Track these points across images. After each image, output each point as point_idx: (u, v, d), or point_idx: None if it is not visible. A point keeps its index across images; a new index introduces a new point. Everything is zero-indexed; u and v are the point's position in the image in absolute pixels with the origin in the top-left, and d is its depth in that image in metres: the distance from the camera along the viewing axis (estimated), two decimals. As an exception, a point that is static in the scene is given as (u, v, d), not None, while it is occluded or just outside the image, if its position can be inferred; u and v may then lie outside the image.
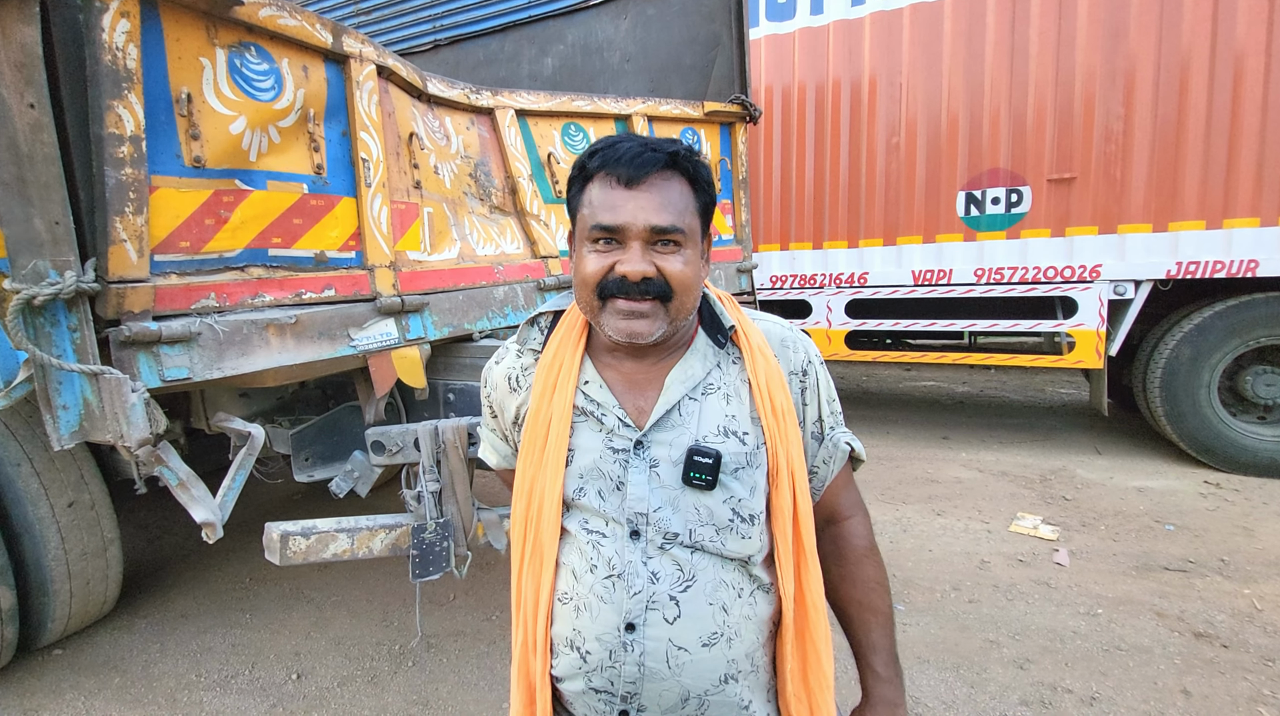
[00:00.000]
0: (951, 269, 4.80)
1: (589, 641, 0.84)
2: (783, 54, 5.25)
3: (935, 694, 2.25)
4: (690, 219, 0.83)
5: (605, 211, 0.81)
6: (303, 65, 1.69)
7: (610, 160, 0.81)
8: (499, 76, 3.93)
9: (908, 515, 3.77)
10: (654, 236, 0.80)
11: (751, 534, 0.86)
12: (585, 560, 0.85)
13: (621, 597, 0.83)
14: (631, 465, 0.84)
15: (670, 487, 0.84)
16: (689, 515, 0.83)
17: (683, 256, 0.82)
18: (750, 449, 0.85)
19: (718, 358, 0.89)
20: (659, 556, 0.83)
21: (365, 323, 1.85)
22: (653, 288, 0.80)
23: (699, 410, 0.86)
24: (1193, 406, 4.22)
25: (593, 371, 0.89)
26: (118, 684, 2.56)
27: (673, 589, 0.83)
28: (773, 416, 0.85)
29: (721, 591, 0.84)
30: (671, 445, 0.85)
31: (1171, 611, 2.68)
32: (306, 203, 1.73)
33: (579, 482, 0.86)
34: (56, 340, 1.32)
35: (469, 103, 2.35)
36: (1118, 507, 3.74)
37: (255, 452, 1.72)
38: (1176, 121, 4.11)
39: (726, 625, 0.84)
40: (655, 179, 0.81)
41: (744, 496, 0.84)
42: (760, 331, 0.91)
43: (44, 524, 2.53)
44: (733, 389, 0.88)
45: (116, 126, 1.31)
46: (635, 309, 0.81)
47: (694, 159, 0.85)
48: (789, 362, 0.91)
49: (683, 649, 0.83)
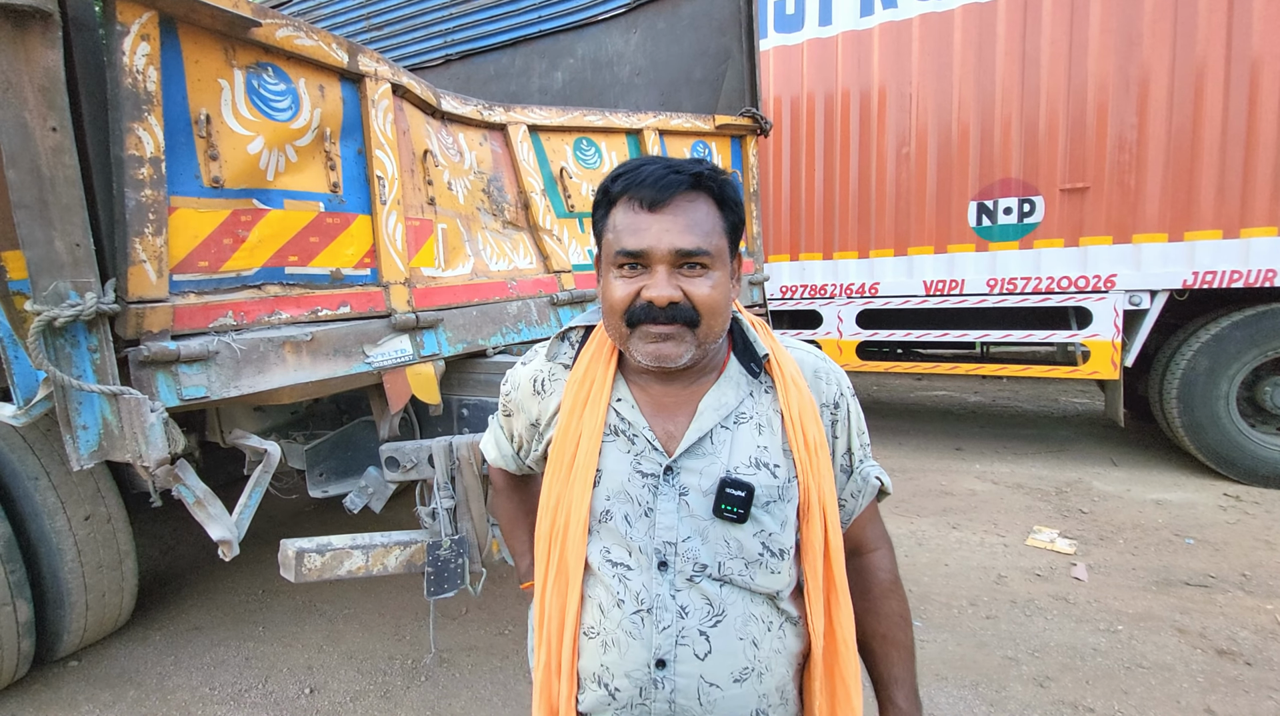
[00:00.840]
0: (963, 279, 4.77)
1: (618, 678, 0.82)
2: (791, 65, 5.25)
3: (954, 712, 2.21)
4: (718, 240, 0.82)
5: (629, 235, 0.80)
6: (319, 85, 1.71)
7: (634, 183, 0.80)
8: (509, 91, 3.96)
9: (923, 528, 3.73)
10: (679, 259, 0.79)
11: (781, 569, 0.84)
12: (612, 594, 0.84)
13: (650, 633, 0.81)
14: (661, 492, 0.83)
15: (700, 518, 0.82)
16: (718, 547, 0.82)
17: (710, 279, 0.80)
18: (782, 482, 0.84)
19: (750, 386, 0.88)
20: (687, 589, 0.82)
21: (380, 339, 1.85)
22: (680, 313, 0.79)
23: (731, 439, 0.84)
24: (1211, 417, 4.17)
25: (625, 390, 0.88)
26: (132, 696, 2.56)
27: (702, 624, 0.81)
28: (805, 450, 0.84)
29: (751, 625, 0.83)
30: (702, 473, 0.83)
31: (1193, 628, 2.63)
32: (323, 221, 1.74)
33: (605, 505, 0.84)
34: (76, 361, 1.33)
35: (482, 119, 2.36)
36: (1136, 521, 3.68)
37: (271, 470, 1.73)
38: (1192, 129, 4.07)
39: (757, 659, 0.83)
40: (680, 201, 0.80)
41: (774, 530, 0.83)
42: (794, 360, 0.90)
43: (61, 537, 2.55)
44: (765, 419, 0.86)
45: (136, 148, 1.32)
46: (662, 332, 0.79)
47: (720, 178, 0.83)
48: (821, 394, 0.89)
49: (714, 685, 0.81)
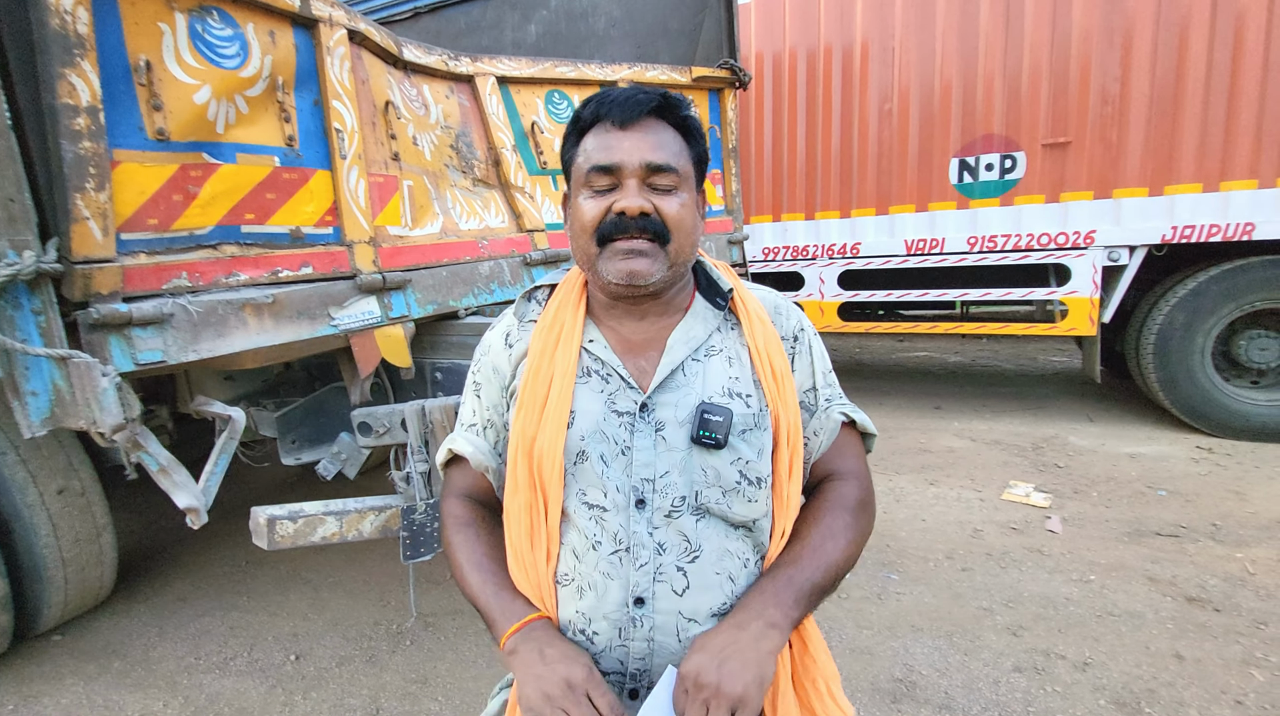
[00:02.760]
0: (944, 238, 4.75)
1: (596, 621, 0.81)
2: (773, 19, 5.12)
3: (929, 661, 2.26)
4: (684, 163, 0.84)
5: (601, 152, 0.82)
6: (269, 30, 1.62)
7: (604, 105, 0.83)
8: (481, 44, 3.82)
9: (901, 485, 3.78)
10: (649, 174, 0.81)
11: (758, 497, 0.84)
12: (587, 538, 0.82)
13: (628, 571, 0.80)
14: (637, 429, 0.82)
15: (677, 450, 0.82)
16: (695, 476, 0.82)
17: (678, 198, 0.83)
18: (755, 411, 0.84)
19: (717, 321, 0.89)
20: (665, 526, 0.81)
21: (346, 301, 1.80)
22: (650, 225, 0.81)
23: (703, 371, 0.85)
24: (1186, 372, 4.22)
25: (596, 332, 0.88)
26: (118, 668, 2.56)
27: (679, 560, 0.81)
28: (773, 379, 0.86)
29: (727, 561, 0.83)
30: (678, 406, 0.83)
31: (1164, 576, 2.70)
32: (279, 176, 1.67)
33: (581, 445, 0.82)
34: (20, 324, 1.27)
35: (447, 69, 2.27)
36: (1110, 474, 3.75)
37: (237, 436, 1.69)
38: (1175, 82, 4.03)
39: (734, 594, 0.83)
40: (649, 121, 0.82)
41: (751, 458, 0.83)
42: (756, 297, 0.92)
43: (33, 511, 2.50)
44: (734, 352, 0.87)
45: (70, 96, 1.24)
46: (634, 248, 0.80)
47: (684, 107, 0.86)
48: (782, 328, 0.92)
49: (693, 621, 0.81)
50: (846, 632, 2.45)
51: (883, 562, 2.94)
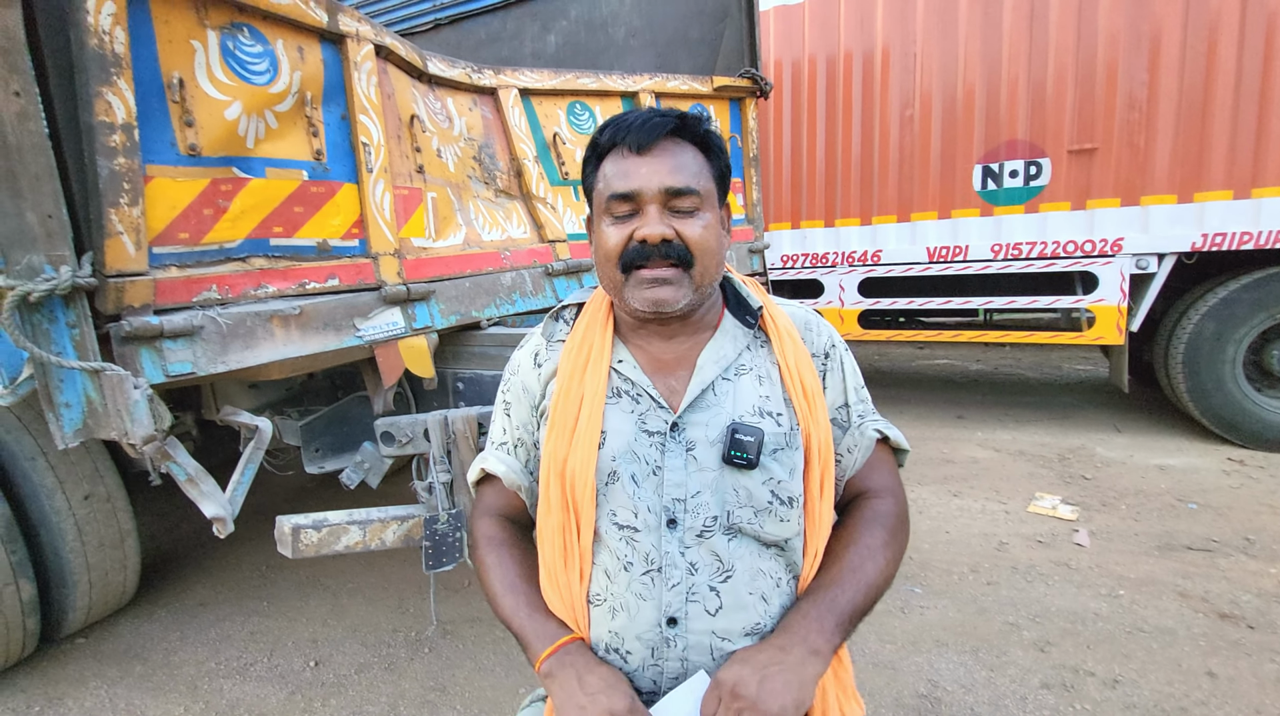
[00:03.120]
0: (968, 245, 4.69)
1: (629, 642, 0.81)
2: (792, 26, 5.10)
3: (954, 677, 2.22)
4: (705, 182, 0.83)
5: (619, 179, 0.81)
6: (298, 46, 1.64)
7: (620, 130, 0.82)
8: (501, 55, 3.85)
9: (924, 496, 3.73)
10: (669, 199, 0.80)
11: (790, 517, 0.84)
12: (618, 559, 0.82)
13: (660, 591, 0.81)
14: (668, 449, 0.82)
15: (708, 470, 0.82)
16: (728, 496, 0.82)
17: (701, 220, 0.82)
18: (786, 430, 0.84)
19: (747, 339, 0.88)
20: (696, 546, 0.81)
21: (371, 312, 1.81)
22: (673, 251, 0.80)
23: (733, 391, 0.85)
24: (1216, 382, 4.13)
25: (625, 352, 0.88)
26: (139, 672, 2.59)
27: (712, 580, 0.81)
28: (804, 398, 0.85)
29: (760, 581, 0.82)
30: (708, 425, 0.83)
31: (1195, 592, 2.63)
32: (307, 190, 1.69)
33: (612, 466, 0.83)
34: (55, 337, 1.29)
35: (471, 82, 2.29)
36: (1139, 486, 3.67)
37: (264, 446, 1.70)
38: (1204, 86, 3.95)
39: (767, 614, 0.82)
40: (666, 144, 0.82)
41: (783, 478, 0.83)
42: (785, 314, 0.92)
43: (61, 516, 2.55)
44: (764, 371, 0.87)
45: (107, 114, 1.27)
46: (659, 276, 0.80)
47: (703, 125, 0.85)
48: (812, 345, 0.91)
49: (726, 640, 0.81)
50: (869, 647, 2.41)
51: (906, 575, 2.89)
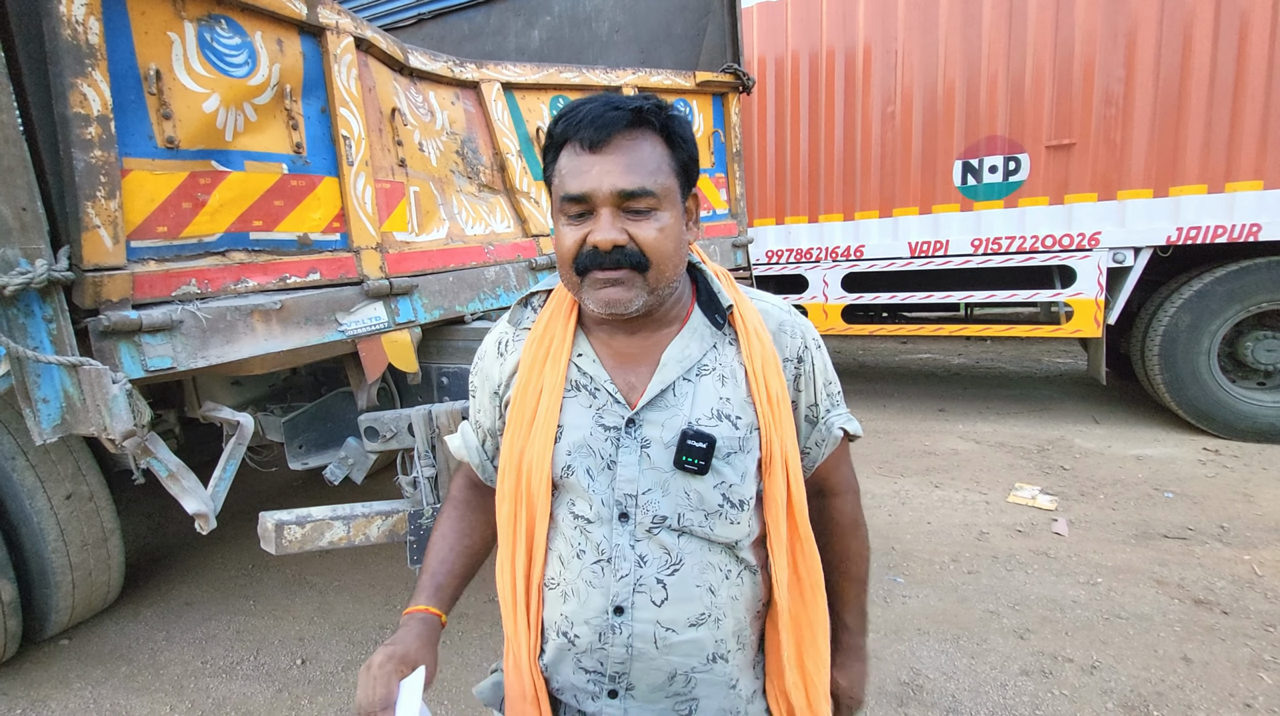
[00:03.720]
0: (948, 240, 4.75)
1: (578, 626, 0.84)
2: (775, 23, 5.13)
3: (935, 665, 2.26)
4: (664, 179, 0.78)
5: (571, 179, 0.77)
6: (277, 38, 1.63)
7: (573, 124, 0.77)
8: (485, 50, 3.83)
9: (906, 487, 3.77)
10: (623, 201, 0.76)
11: (741, 519, 0.84)
12: (572, 546, 0.84)
13: (609, 581, 0.82)
14: (623, 444, 0.82)
15: (661, 470, 0.82)
16: (679, 499, 0.82)
17: (657, 221, 0.77)
18: (743, 434, 0.83)
19: (714, 338, 0.86)
20: (647, 540, 0.82)
21: (353, 307, 1.81)
22: (626, 257, 0.76)
23: (693, 391, 0.83)
24: (1192, 373, 4.21)
25: (586, 344, 0.87)
26: (124, 672, 2.57)
27: (660, 572, 0.82)
28: (767, 403, 0.83)
29: (709, 573, 0.84)
30: (664, 426, 0.82)
31: (1171, 579, 2.69)
32: (287, 183, 1.68)
33: (568, 459, 0.83)
34: (32, 331, 1.28)
35: (453, 76, 2.28)
36: (1116, 476, 3.74)
37: (245, 441, 1.69)
38: (1179, 83, 4.03)
39: (714, 606, 0.84)
40: (621, 139, 0.76)
41: (735, 482, 0.82)
42: (758, 312, 0.88)
43: (42, 516, 2.52)
44: (729, 371, 0.85)
45: (82, 106, 1.25)
46: (610, 277, 0.77)
47: (665, 112, 0.79)
48: (785, 348, 0.88)
49: (671, 630, 0.83)
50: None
51: (888, 566, 2.93)
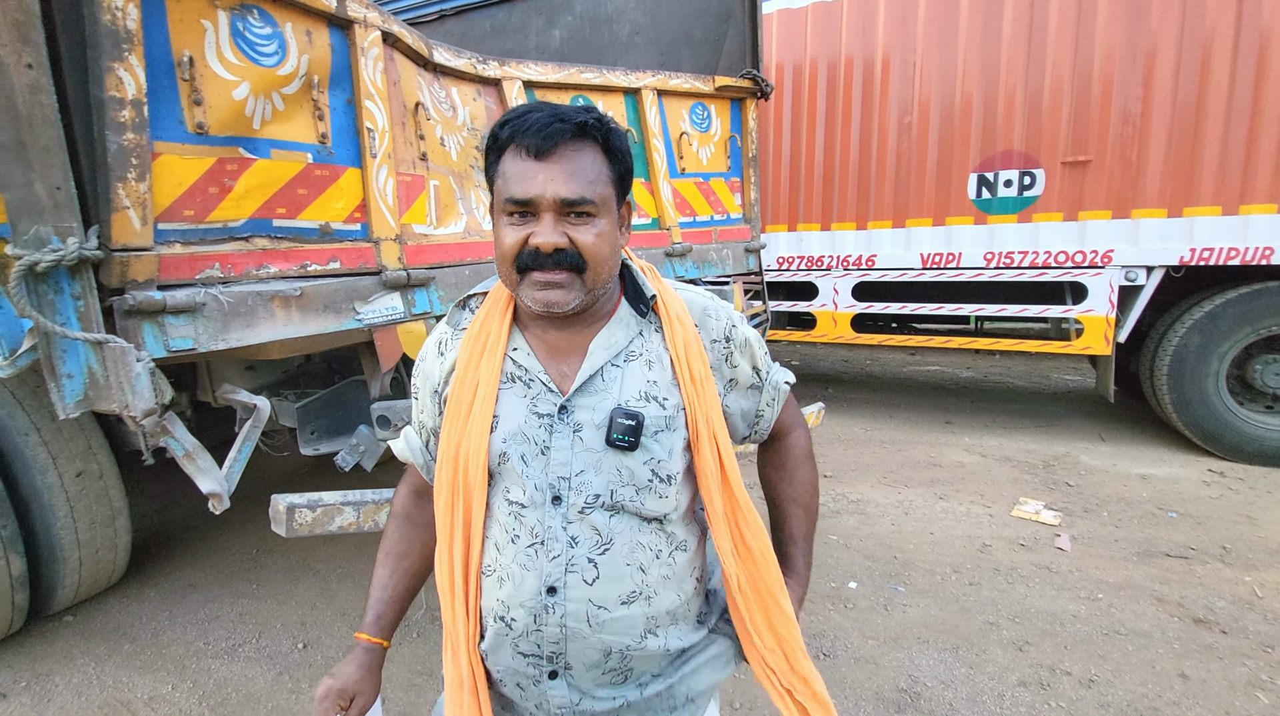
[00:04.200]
0: (961, 252, 4.75)
1: (514, 609, 0.87)
2: (795, 30, 5.15)
3: (934, 674, 2.26)
4: (603, 188, 0.84)
5: (517, 183, 0.81)
6: (306, 30, 1.66)
7: (520, 130, 0.81)
8: (505, 48, 3.86)
9: (910, 498, 3.77)
10: (565, 208, 0.81)
11: (668, 493, 0.89)
12: (507, 532, 0.88)
13: (542, 563, 0.86)
14: (556, 430, 0.87)
15: (593, 451, 0.86)
16: (610, 476, 0.86)
17: (595, 227, 0.83)
18: (670, 413, 0.88)
19: (640, 326, 0.92)
20: (578, 521, 0.86)
21: (371, 296, 1.83)
22: (566, 259, 0.81)
23: (621, 376, 0.88)
24: (1200, 395, 4.20)
25: (521, 339, 0.91)
26: (127, 650, 2.59)
27: (591, 552, 0.86)
28: (691, 383, 0.89)
29: (639, 553, 0.88)
30: (595, 409, 0.87)
31: (1172, 597, 2.69)
32: (311, 173, 1.71)
33: (503, 447, 0.87)
34: (60, 308, 1.31)
35: (475, 73, 2.31)
36: (1121, 494, 3.73)
37: (261, 424, 1.72)
38: (1197, 104, 4.02)
39: (645, 584, 0.88)
40: (565, 149, 0.81)
41: (663, 457, 0.88)
42: (682, 301, 0.94)
43: (52, 492, 2.55)
44: (654, 356, 0.90)
45: (117, 89, 1.28)
46: (550, 280, 0.82)
47: (606, 126, 0.84)
48: (711, 331, 0.94)
49: (603, 608, 0.86)
50: (852, 642, 2.45)
51: (890, 574, 2.94)
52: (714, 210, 3.14)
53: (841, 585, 2.86)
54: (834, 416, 5.37)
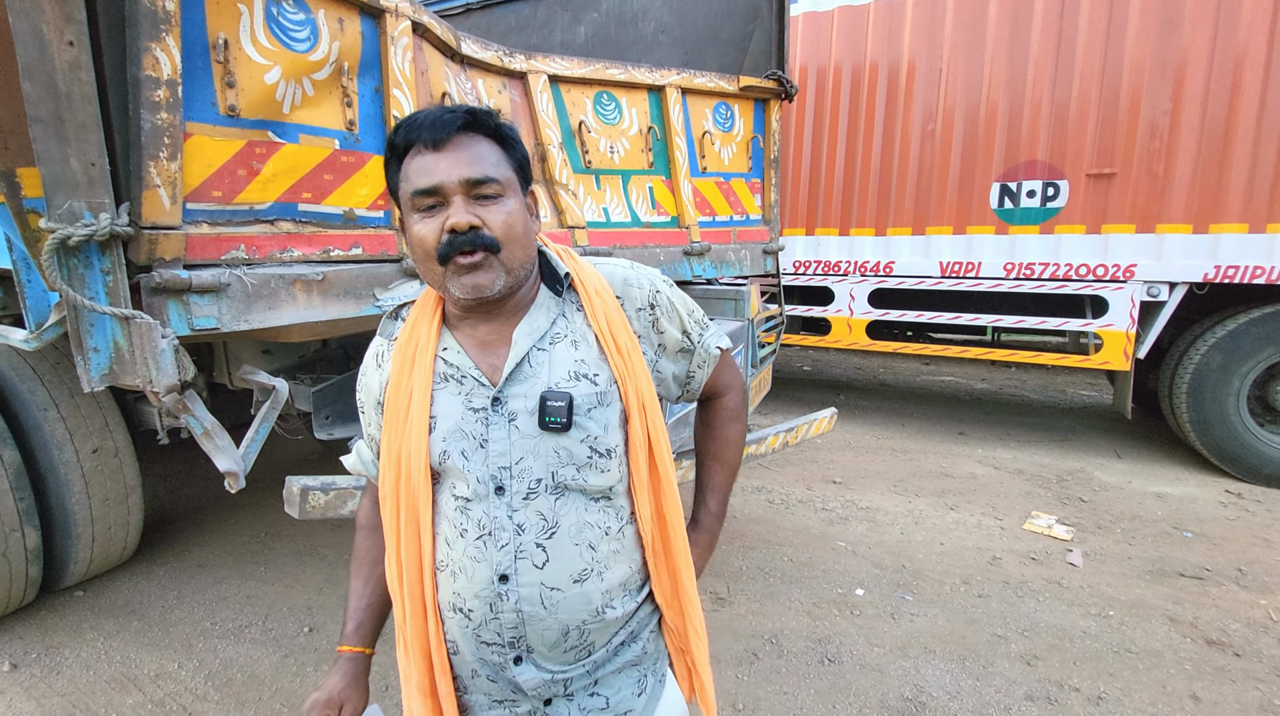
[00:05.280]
0: (980, 262, 4.71)
1: (469, 601, 0.89)
2: (820, 33, 5.13)
3: (940, 684, 2.25)
4: (505, 171, 0.87)
5: (421, 176, 0.84)
6: (338, 17, 1.67)
7: (414, 129, 0.84)
8: (530, 44, 3.87)
9: (920, 507, 3.75)
10: (471, 189, 0.83)
11: (610, 467, 0.91)
12: (455, 527, 0.90)
13: (492, 553, 0.88)
14: (492, 422, 0.88)
15: (530, 437, 0.88)
16: (549, 459, 0.88)
17: (504, 206, 0.85)
18: (602, 388, 0.90)
19: (560, 307, 0.93)
20: (523, 508, 0.88)
21: (391, 283, 1.84)
22: (480, 239, 0.83)
23: (548, 359, 0.90)
24: (1219, 414, 4.14)
25: (450, 339, 0.93)
26: (136, 627, 2.63)
27: (538, 537, 0.88)
28: (618, 354, 0.91)
29: (586, 532, 0.90)
30: (526, 396, 0.88)
31: (1185, 617, 2.65)
32: (337, 159, 1.72)
33: (443, 446, 0.89)
34: (90, 282, 1.32)
35: (502, 65, 2.31)
36: (1135, 512, 3.69)
37: (279, 406, 1.73)
38: (1226, 119, 3.96)
39: (595, 561, 0.90)
40: (460, 138, 0.84)
41: (599, 433, 0.89)
42: (601, 275, 0.95)
43: (69, 468, 2.58)
44: (579, 334, 0.92)
45: (153, 69, 1.30)
46: (471, 262, 0.84)
47: (493, 118, 0.88)
48: (634, 300, 0.96)
49: (555, 589, 0.88)
50: (857, 649, 2.44)
51: (898, 583, 2.92)
52: (734, 210, 3.13)
53: (848, 591, 2.84)
54: (845, 423, 5.34)
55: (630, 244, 2.68)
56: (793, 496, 3.90)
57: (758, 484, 4.08)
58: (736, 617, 2.64)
